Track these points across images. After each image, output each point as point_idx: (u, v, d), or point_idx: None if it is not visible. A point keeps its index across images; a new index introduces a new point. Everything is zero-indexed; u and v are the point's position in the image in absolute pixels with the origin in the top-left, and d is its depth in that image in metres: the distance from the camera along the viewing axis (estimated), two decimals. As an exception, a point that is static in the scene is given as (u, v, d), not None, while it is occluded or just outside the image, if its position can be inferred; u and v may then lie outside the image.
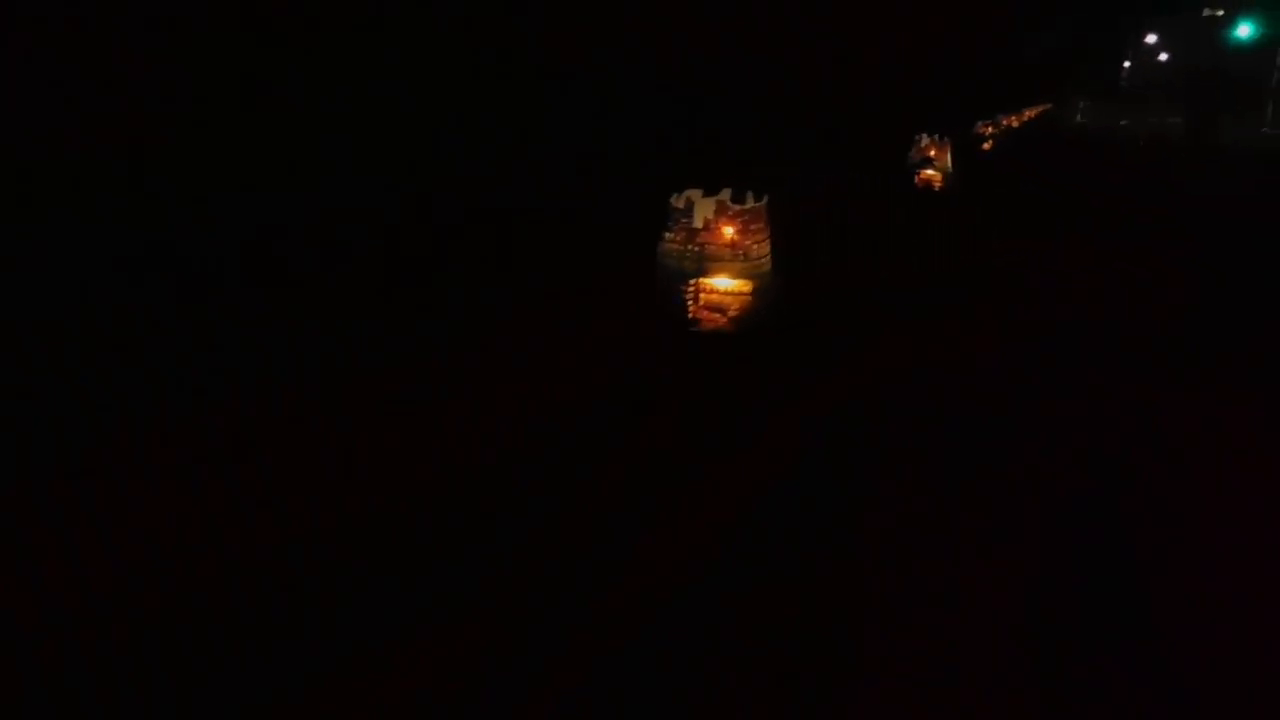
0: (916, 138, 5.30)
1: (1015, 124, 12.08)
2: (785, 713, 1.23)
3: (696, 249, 2.12)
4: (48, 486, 1.36)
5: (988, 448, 2.12)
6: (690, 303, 2.12)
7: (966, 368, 2.69)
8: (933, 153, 5.32)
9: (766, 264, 2.17)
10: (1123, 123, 17.25)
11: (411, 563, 1.41)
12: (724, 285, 2.10)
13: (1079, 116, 18.97)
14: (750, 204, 2.12)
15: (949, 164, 5.34)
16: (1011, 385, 2.54)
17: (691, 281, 2.10)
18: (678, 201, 2.13)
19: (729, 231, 2.10)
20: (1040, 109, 15.71)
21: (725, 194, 2.11)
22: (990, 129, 9.65)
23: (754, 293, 2.12)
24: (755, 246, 2.11)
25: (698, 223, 2.12)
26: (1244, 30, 14.70)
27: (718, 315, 2.11)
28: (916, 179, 5.29)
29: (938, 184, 5.37)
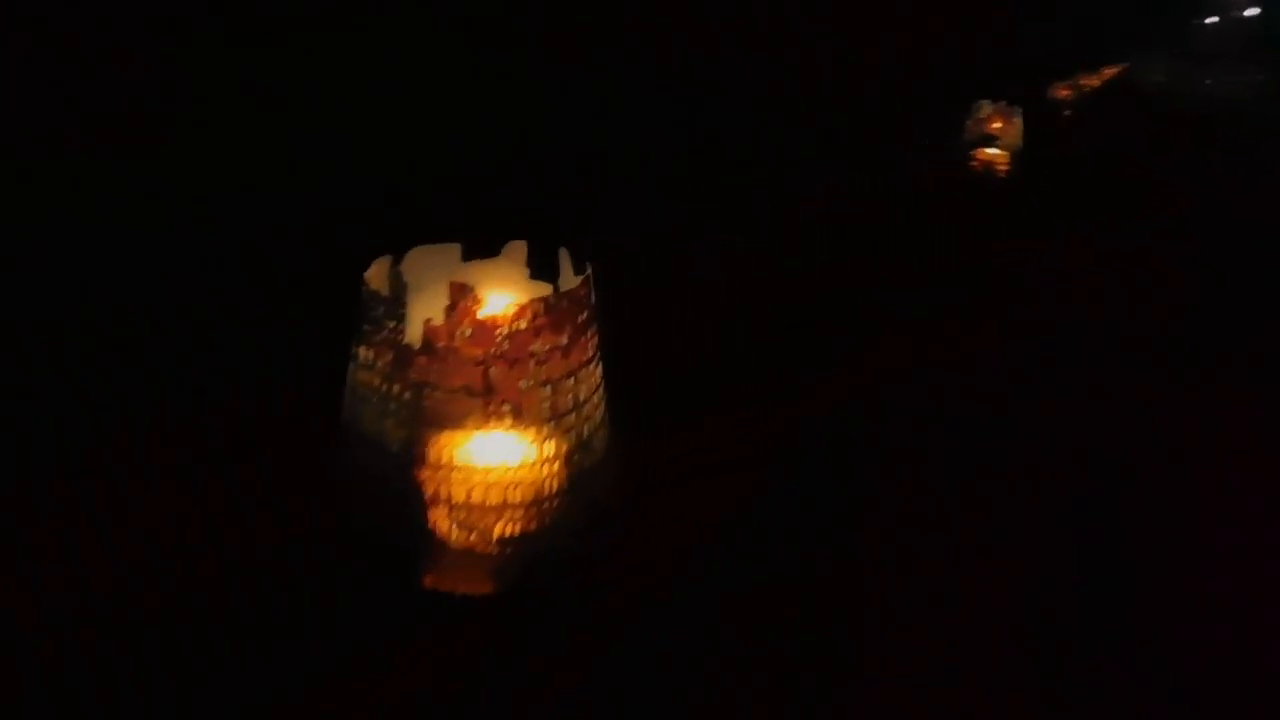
0: (974, 105, 3.80)
1: (1096, 84, 10.54)
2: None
3: (407, 392, 0.81)
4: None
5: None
6: (418, 506, 0.94)
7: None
8: (998, 125, 3.73)
9: (596, 417, 0.96)
10: (1207, 82, 16.12)
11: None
12: (486, 466, 0.89)
13: (1157, 75, 17.89)
14: (563, 284, 0.88)
15: (1019, 139, 3.78)
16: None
17: (408, 459, 0.87)
18: (378, 281, 0.85)
19: (484, 351, 0.79)
20: (1120, 68, 14.55)
21: (499, 261, 0.90)
22: (1069, 92, 8.14)
23: (559, 491, 0.98)
24: (556, 394, 0.86)
25: (412, 332, 0.79)
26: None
27: (471, 538, 0.98)
28: (973, 162, 3.76)
29: (1002, 168, 3.74)
